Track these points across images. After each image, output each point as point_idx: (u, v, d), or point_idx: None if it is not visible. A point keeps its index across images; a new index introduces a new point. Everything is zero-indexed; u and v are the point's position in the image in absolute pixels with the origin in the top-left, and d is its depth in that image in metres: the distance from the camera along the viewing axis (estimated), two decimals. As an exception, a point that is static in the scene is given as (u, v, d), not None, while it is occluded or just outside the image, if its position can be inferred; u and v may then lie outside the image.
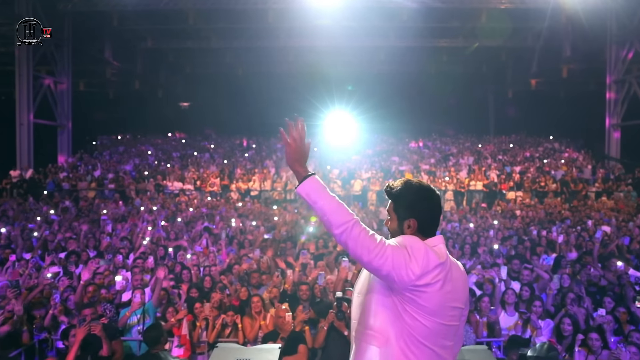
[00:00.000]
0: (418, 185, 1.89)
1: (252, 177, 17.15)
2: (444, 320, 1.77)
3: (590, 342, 4.13)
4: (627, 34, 19.14)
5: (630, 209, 13.57)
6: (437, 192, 1.92)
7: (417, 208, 1.84)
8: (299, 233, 9.62)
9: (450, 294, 1.78)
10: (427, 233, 1.85)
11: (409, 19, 19.23)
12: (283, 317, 4.83)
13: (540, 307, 4.86)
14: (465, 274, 1.92)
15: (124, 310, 5.24)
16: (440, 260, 1.75)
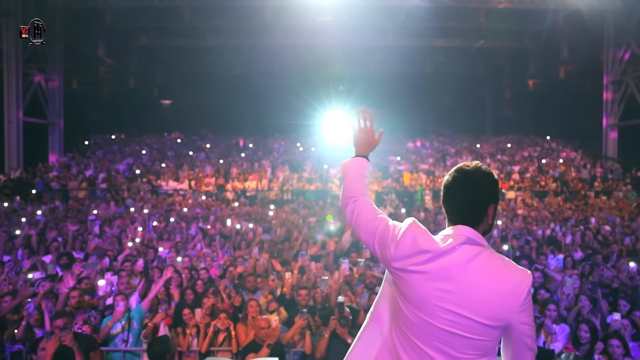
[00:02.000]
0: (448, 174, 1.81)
1: (249, 176, 16.84)
2: (431, 319, 1.58)
3: (612, 349, 3.86)
4: (624, 36, 19.15)
5: (632, 209, 13.43)
6: (462, 177, 1.68)
7: (442, 195, 1.79)
8: (315, 231, 9.39)
9: (445, 294, 1.56)
10: (451, 220, 1.71)
11: (407, 18, 19.06)
12: (265, 327, 4.49)
13: (555, 310, 4.59)
14: (501, 286, 1.55)
15: (106, 319, 4.85)
16: (429, 247, 1.60)
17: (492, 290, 1.54)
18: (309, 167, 18.01)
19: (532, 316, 1.60)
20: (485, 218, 1.66)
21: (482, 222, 1.66)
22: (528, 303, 1.56)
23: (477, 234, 1.62)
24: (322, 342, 4.42)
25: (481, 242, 1.62)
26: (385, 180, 16.38)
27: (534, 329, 1.61)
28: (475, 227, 1.63)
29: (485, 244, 1.64)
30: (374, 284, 5.87)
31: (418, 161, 19.41)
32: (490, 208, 1.67)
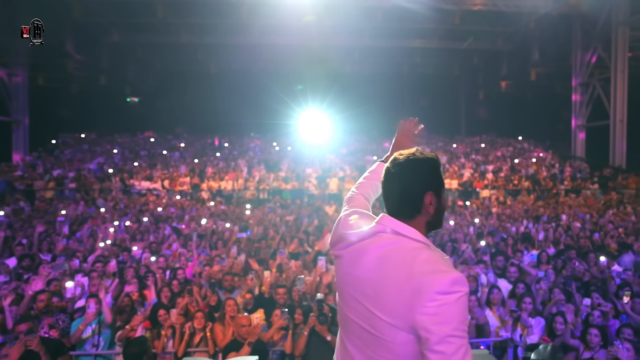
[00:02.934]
0: None
1: (224, 176, 16.63)
2: (348, 310, 1.53)
3: (589, 337, 3.95)
4: (591, 40, 19.78)
5: (599, 206, 13.85)
6: (392, 167, 1.57)
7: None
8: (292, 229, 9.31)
9: (355, 281, 1.50)
10: (387, 212, 1.58)
11: (383, 19, 19.21)
12: (246, 325, 4.41)
13: (531, 304, 4.66)
14: (407, 282, 1.35)
15: (77, 322, 4.61)
16: (348, 233, 1.58)
17: (396, 284, 1.37)
18: (286, 166, 17.93)
19: (449, 328, 1.27)
20: (422, 208, 1.51)
21: (420, 213, 1.51)
22: (439, 309, 1.29)
23: (401, 225, 1.48)
24: (301, 339, 4.34)
25: (405, 232, 1.47)
26: (362, 180, 16.41)
27: (453, 348, 1.26)
28: (410, 218, 1.50)
29: (414, 236, 1.47)
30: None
31: (394, 161, 19.52)
32: (428, 197, 1.51)
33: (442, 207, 1.58)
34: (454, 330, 1.27)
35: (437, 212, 1.55)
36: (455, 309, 1.30)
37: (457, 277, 1.33)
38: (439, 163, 1.59)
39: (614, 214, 11.89)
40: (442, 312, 1.29)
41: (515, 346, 4.53)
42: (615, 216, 11.56)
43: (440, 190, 1.56)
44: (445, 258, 1.46)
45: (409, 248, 1.43)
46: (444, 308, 1.29)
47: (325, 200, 14.49)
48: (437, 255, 1.43)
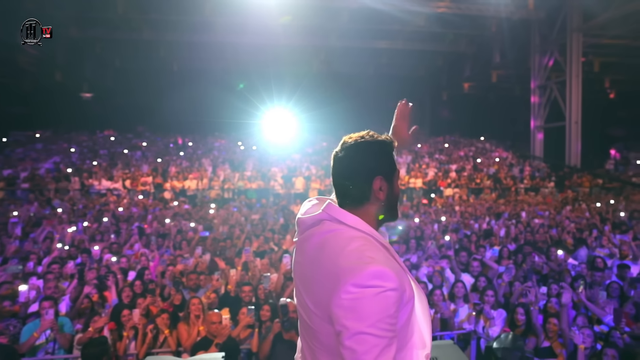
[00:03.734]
0: None
1: (188, 175, 16.30)
2: (295, 296, 1.50)
3: (549, 326, 4.10)
4: (548, 44, 20.54)
5: (557, 204, 14.38)
6: (337, 152, 1.49)
7: None
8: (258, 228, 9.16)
9: (298, 267, 1.47)
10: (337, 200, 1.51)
11: (350, 19, 19.30)
12: (217, 322, 4.34)
13: (493, 296, 4.77)
14: (329, 270, 1.29)
15: (28, 327, 4.31)
16: (299, 219, 1.51)
17: (323, 274, 1.32)
18: (251, 165, 17.76)
19: (364, 325, 1.17)
20: (371, 194, 1.42)
21: (370, 200, 1.42)
22: (353, 302, 1.19)
23: (343, 213, 1.40)
24: (265, 343, 4.31)
25: (346, 220, 1.38)
26: (328, 179, 16.45)
27: (365, 346, 1.17)
28: (359, 205, 1.42)
29: (355, 224, 1.37)
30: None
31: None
32: (377, 181, 1.41)
33: (394, 194, 1.48)
34: (369, 327, 1.18)
35: (388, 200, 1.45)
36: (373, 305, 1.19)
37: (379, 271, 1.22)
38: (392, 146, 1.50)
39: (570, 211, 12.37)
40: (357, 306, 1.19)
41: (478, 338, 4.62)
42: (571, 213, 12.03)
43: (391, 176, 1.46)
44: (386, 252, 1.35)
45: (344, 237, 1.34)
46: (360, 302, 1.19)
47: (291, 200, 14.43)
48: (370, 246, 1.32)
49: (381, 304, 1.19)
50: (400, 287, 1.24)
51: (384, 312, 1.19)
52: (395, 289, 1.22)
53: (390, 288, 1.21)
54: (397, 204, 1.51)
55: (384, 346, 1.19)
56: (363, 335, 1.18)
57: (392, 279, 1.22)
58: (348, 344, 1.19)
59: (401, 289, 1.24)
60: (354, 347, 1.18)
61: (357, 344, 1.18)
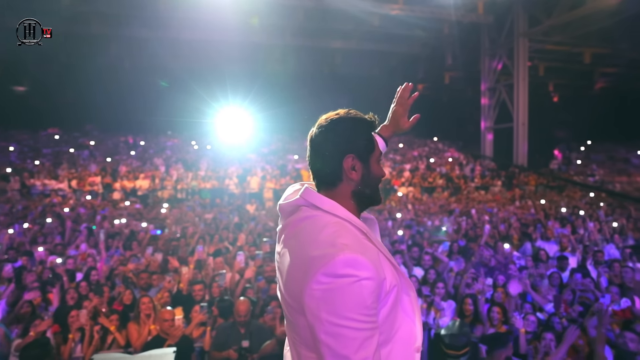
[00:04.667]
0: None
1: (139, 175, 15.81)
2: (278, 292, 1.41)
3: (493, 315, 4.25)
4: (497, 48, 21.35)
5: (505, 201, 14.99)
6: (311, 134, 1.46)
7: None
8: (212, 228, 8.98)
9: (278, 260, 1.39)
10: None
11: (305, 18, 19.31)
12: (169, 320, 4.24)
13: (443, 288, 4.92)
14: (302, 257, 1.23)
15: None
16: (279, 206, 1.47)
17: (293, 261, 1.26)
18: (205, 165, 17.45)
19: (338, 317, 1.10)
20: (342, 173, 1.36)
21: (342, 181, 1.36)
22: (325, 293, 1.12)
23: (319, 197, 1.34)
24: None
25: (322, 206, 1.32)
26: (284, 178, 16.43)
27: (342, 340, 1.10)
28: (333, 186, 1.37)
29: (331, 209, 1.31)
30: (272, 277, 5.78)
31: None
32: (347, 160, 1.35)
33: (372, 175, 1.39)
34: (345, 320, 1.11)
35: (364, 180, 1.37)
36: (347, 296, 1.11)
37: (352, 259, 1.13)
38: (371, 125, 1.44)
39: (517, 208, 12.93)
40: (330, 297, 1.12)
41: (429, 329, 4.74)
42: (517, 209, 12.57)
43: (367, 155, 1.39)
44: (364, 239, 1.27)
45: (320, 224, 1.27)
46: (332, 293, 1.12)
47: (246, 199, 14.29)
48: (344, 232, 1.24)
49: (355, 294, 1.11)
50: (377, 276, 1.16)
51: (359, 304, 1.11)
52: (371, 278, 1.14)
53: (364, 277, 1.13)
54: (377, 186, 1.43)
55: (363, 339, 1.12)
56: (338, 329, 1.11)
57: (367, 267, 1.14)
58: (324, 339, 1.12)
59: (378, 277, 1.16)
60: (329, 342, 1.12)
61: (332, 339, 1.11)
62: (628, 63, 23.86)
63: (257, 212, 11.91)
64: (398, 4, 18.13)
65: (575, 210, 12.07)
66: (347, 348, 1.11)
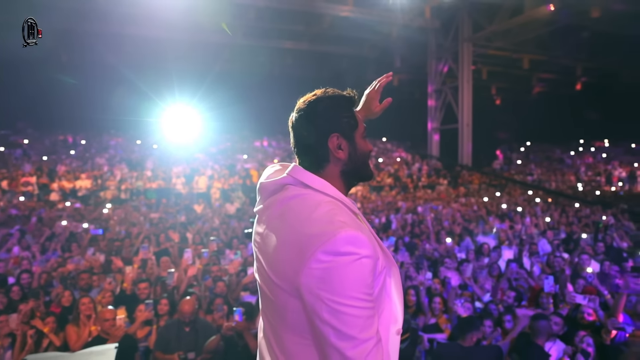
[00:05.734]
0: None
1: (80, 175, 15.11)
2: (256, 269, 1.38)
3: (434, 305, 4.41)
4: (443, 51, 22.09)
5: (450, 199, 15.54)
6: (291, 118, 1.42)
7: None
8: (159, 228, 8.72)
9: (259, 238, 1.34)
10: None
11: (256, 17, 19.14)
12: (110, 320, 4.10)
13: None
14: (295, 236, 1.18)
15: None
16: (260, 184, 1.43)
17: (284, 240, 1.21)
18: (151, 165, 16.92)
19: (342, 296, 1.07)
20: (329, 154, 1.34)
21: (330, 162, 1.34)
22: (325, 272, 1.09)
23: (309, 176, 1.31)
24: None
25: (313, 184, 1.29)
26: (232, 178, 16.23)
27: (347, 320, 1.07)
28: (320, 169, 1.34)
29: (322, 188, 1.28)
30: (219, 277, 5.72)
31: (265, 159, 19.70)
32: (332, 140, 1.33)
33: (359, 151, 1.37)
34: (347, 299, 1.07)
35: (351, 158, 1.35)
36: (349, 274, 1.08)
37: (353, 236, 1.10)
38: (350, 101, 1.39)
39: (461, 205, 13.44)
40: (331, 276, 1.08)
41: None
42: (461, 207, 13.08)
43: (351, 132, 1.36)
44: (356, 219, 1.25)
45: (311, 202, 1.23)
46: (333, 272, 1.08)
47: (193, 199, 13.99)
48: (340, 211, 1.21)
49: (357, 272, 1.09)
50: (374, 255, 1.14)
51: (361, 282, 1.09)
52: (370, 256, 1.11)
53: (365, 255, 1.10)
54: (366, 162, 1.42)
55: (367, 317, 1.09)
56: (342, 307, 1.07)
57: (367, 245, 1.11)
58: (327, 318, 1.08)
59: (375, 256, 1.14)
60: (333, 322, 1.08)
61: (336, 319, 1.08)
62: (562, 70, 25.43)
63: (205, 211, 11.71)
64: (348, 6, 18.34)
65: (513, 207, 12.71)
66: (352, 328, 1.08)
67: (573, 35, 20.62)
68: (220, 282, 5.15)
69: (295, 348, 1.20)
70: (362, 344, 1.07)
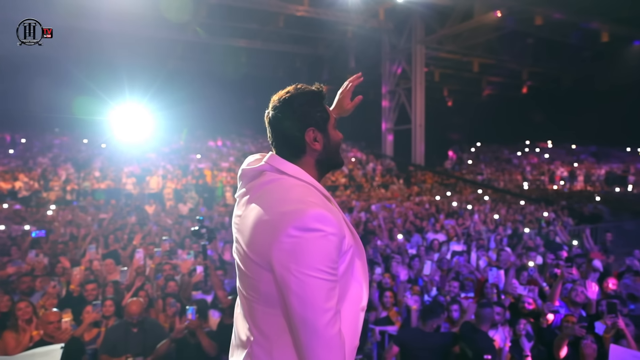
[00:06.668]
0: None
1: (19, 175, 14.32)
2: (234, 249, 1.49)
3: (385, 299, 4.52)
4: (397, 53, 22.52)
5: (404, 198, 15.90)
6: (268, 113, 1.52)
7: None
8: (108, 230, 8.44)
9: (238, 223, 1.46)
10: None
11: (209, 15, 18.82)
12: (55, 323, 3.92)
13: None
14: (268, 215, 1.31)
15: None
16: (241, 170, 1.57)
17: (260, 219, 1.33)
18: (99, 164, 16.28)
19: (308, 268, 1.19)
20: (306, 147, 1.46)
21: (306, 153, 1.46)
22: (295, 246, 1.21)
23: (285, 163, 1.43)
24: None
25: (288, 171, 1.42)
26: (185, 178, 15.89)
27: (311, 290, 1.18)
28: (297, 158, 1.45)
29: (297, 174, 1.41)
30: (172, 275, 5.62)
31: (219, 159, 19.42)
32: (309, 133, 1.45)
33: (332, 142, 1.51)
34: (313, 270, 1.19)
35: (326, 149, 1.49)
36: (315, 249, 1.20)
37: (321, 214, 1.23)
38: (321, 95, 1.50)
39: (414, 204, 13.78)
40: (299, 250, 1.20)
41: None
42: (414, 205, 13.41)
43: (325, 125, 1.49)
44: (327, 202, 1.39)
45: (286, 185, 1.38)
46: (302, 246, 1.20)
47: (145, 200, 13.58)
48: (311, 193, 1.36)
49: (323, 247, 1.21)
50: (340, 233, 1.26)
51: (326, 256, 1.21)
52: (336, 234, 1.24)
53: (331, 232, 1.22)
54: (338, 150, 1.55)
55: (329, 289, 1.21)
56: (308, 278, 1.19)
57: (333, 224, 1.24)
58: (294, 288, 1.20)
59: (341, 235, 1.26)
60: (299, 292, 1.19)
61: (301, 288, 1.19)
62: (509, 73, 26.58)
63: (157, 212, 11.41)
64: (303, 6, 18.36)
65: (463, 205, 13.18)
66: (315, 297, 1.19)
67: (519, 40, 21.63)
68: (172, 281, 5.06)
69: (266, 318, 1.33)
70: (324, 313, 1.20)
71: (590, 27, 18.91)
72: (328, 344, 1.20)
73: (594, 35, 19.52)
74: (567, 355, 3.69)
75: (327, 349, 1.20)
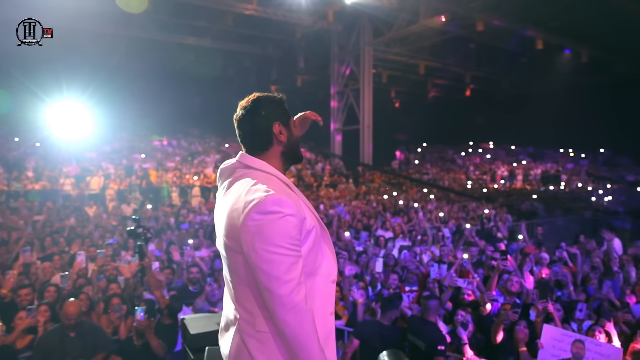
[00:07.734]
0: None
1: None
2: (218, 244, 1.68)
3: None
4: (345, 54, 22.80)
5: (352, 197, 16.13)
6: (237, 115, 1.75)
7: None
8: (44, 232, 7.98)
9: (217, 217, 1.69)
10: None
11: (154, 10, 18.18)
12: None
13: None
14: (237, 203, 1.51)
15: None
16: (220, 170, 1.77)
17: (231, 208, 1.54)
18: (33, 164, 15.33)
19: (269, 245, 1.39)
20: (274, 138, 1.70)
21: (273, 144, 1.70)
22: (259, 228, 1.42)
23: (252, 159, 1.66)
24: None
25: (254, 165, 1.64)
26: (129, 178, 15.29)
27: (273, 264, 1.39)
28: (265, 150, 1.69)
29: (262, 167, 1.64)
30: (114, 275, 5.43)
31: (164, 159, 18.87)
32: (276, 126, 1.70)
33: (294, 137, 1.77)
34: (275, 247, 1.40)
35: (290, 141, 1.73)
36: (275, 228, 1.41)
37: (278, 199, 1.44)
38: (281, 100, 1.77)
39: (362, 203, 14.03)
40: (262, 231, 1.41)
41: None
42: (362, 204, 13.65)
43: (287, 122, 1.75)
44: (287, 188, 1.59)
45: (252, 177, 1.59)
46: (263, 227, 1.41)
47: (85, 201, 12.94)
48: (271, 182, 1.56)
49: (282, 227, 1.42)
50: (299, 214, 1.47)
51: (285, 234, 1.42)
52: (293, 215, 1.45)
53: (288, 213, 1.43)
54: (299, 146, 1.82)
55: (290, 263, 1.41)
56: (270, 255, 1.40)
57: (290, 206, 1.45)
58: (259, 264, 1.41)
59: (299, 215, 1.47)
60: (264, 267, 1.41)
61: (266, 264, 1.40)
62: (453, 76, 27.60)
63: (98, 214, 10.92)
64: (252, 5, 18.17)
65: (410, 204, 13.56)
66: (278, 270, 1.40)
67: (462, 45, 22.52)
68: (114, 283, 4.88)
69: (247, 297, 1.54)
70: (287, 283, 1.40)
71: (526, 35, 20.00)
72: (293, 309, 1.40)
73: (530, 43, 20.65)
74: (503, 340, 3.90)
75: (293, 313, 1.39)
